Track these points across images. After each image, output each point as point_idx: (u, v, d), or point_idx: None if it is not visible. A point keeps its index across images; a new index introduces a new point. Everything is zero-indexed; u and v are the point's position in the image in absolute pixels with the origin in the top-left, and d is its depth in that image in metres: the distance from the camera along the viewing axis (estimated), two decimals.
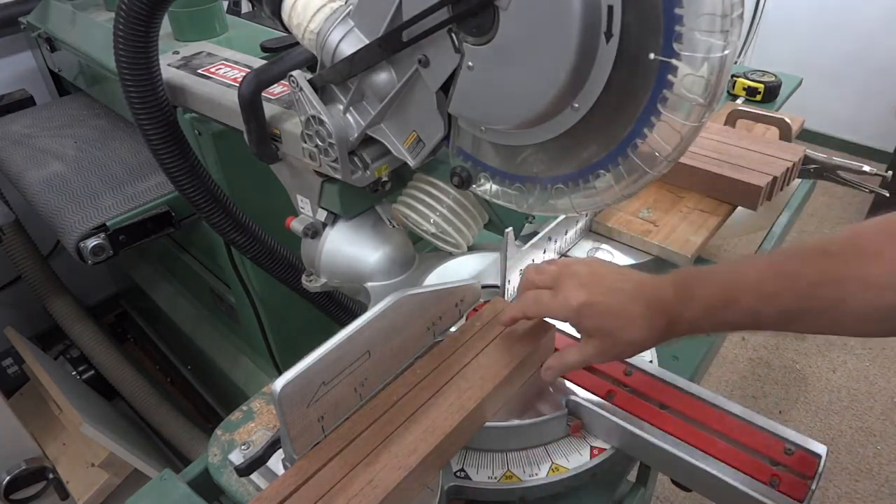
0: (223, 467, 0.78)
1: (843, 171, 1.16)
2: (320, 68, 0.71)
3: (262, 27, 1.39)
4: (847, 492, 1.83)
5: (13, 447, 1.42)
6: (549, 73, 0.55)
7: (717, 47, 0.49)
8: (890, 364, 2.22)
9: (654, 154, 0.57)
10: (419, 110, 0.70)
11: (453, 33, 0.61)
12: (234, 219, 0.98)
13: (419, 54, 0.64)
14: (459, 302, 0.79)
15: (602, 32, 0.52)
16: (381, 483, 0.62)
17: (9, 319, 1.86)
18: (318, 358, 0.62)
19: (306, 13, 0.69)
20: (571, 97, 0.56)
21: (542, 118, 0.59)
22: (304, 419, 0.63)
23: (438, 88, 0.65)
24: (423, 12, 0.60)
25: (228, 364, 1.61)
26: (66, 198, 1.18)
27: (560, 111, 0.58)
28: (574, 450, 0.73)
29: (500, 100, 0.61)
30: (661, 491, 1.85)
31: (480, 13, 0.57)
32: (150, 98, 0.87)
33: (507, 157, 0.69)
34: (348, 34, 0.68)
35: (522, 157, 0.67)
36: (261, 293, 1.28)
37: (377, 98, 0.70)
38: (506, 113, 0.61)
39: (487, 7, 0.56)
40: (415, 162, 0.73)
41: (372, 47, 0.66)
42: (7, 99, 1.63)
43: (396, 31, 0.63)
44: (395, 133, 0.73)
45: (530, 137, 0.63)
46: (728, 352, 2.29)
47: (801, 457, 0.64)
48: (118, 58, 0.84)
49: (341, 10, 0.68)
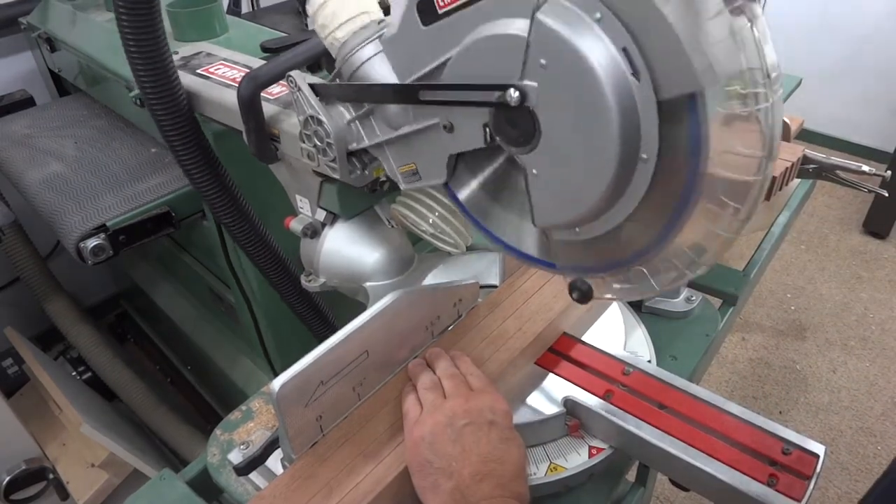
0: (222, 467, 0.78)
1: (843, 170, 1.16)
2: (333, 77, 0.69)
3: (261, 27, 1.39)
4: (847, 492, 1.83)
5: (13, 447, 1.42)
6: (600, 152, 0.51)
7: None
8: (890, 364, 2.22)
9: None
10: (426, 152, 0.68)
11: (488, 128, 0.58)
12: (250, 222, 0.97)
13: (444, 119, 0.61)
14: (458, 302, 0.80)
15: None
16: (379, 480, 0.62)
17: (9, 319, 1.86)
18: (316, 358, 0.62)
19: (336, 19, 0.66)
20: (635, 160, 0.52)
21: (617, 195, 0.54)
22: (302, 419, 0.63)
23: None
24: (456, 86, 0.57)
25: (228, 364, 1.61)
26: (66, 198, 1.19)
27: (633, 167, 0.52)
28: (572, 449, 0.73)
29: (577, 197, 0.55)
30: (660, 491, 1.85)
31: (520, 119, 0.55)
32: (162, 77, 0.84)
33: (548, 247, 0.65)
34: (376, 57, 0.65)
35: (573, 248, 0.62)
36: (258, 294, 1.28)
37: (386, 123, 0.69)
38: (586, 208, 0.55)
39: (524, 113, 0.54)
40: (405, 187, 0.72)
41: (388, 91, 0.64)
42: (7, 99, 1.63)
43: (419, 88, 0.60)
44: (393, 155, 0.71)
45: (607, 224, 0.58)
46: (728, 352, 2.29)
47: (799, 456, 0.64)
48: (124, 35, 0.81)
49: (373, 27, 0.65)
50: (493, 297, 0.83)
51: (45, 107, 1.60)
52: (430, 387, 0.67)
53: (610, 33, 0.47)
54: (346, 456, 0.64)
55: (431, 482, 0.59)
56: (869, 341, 2.31)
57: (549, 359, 0.80)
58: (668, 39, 0.46)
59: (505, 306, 0.82)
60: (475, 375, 0.69)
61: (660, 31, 0.46)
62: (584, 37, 0.47)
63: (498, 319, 0.80)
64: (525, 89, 0.52)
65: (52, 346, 1.96)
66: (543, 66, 0.51)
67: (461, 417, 0.62)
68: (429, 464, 0.60)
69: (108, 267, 2.16)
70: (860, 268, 2.65)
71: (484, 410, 0.63)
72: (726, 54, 0.45)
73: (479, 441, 0.61)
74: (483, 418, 0.62)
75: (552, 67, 0.50)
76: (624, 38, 0.47)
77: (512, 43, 0.52)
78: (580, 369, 0.77)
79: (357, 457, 0.64)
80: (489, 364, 0.74)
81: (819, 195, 3.06)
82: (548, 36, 0.49)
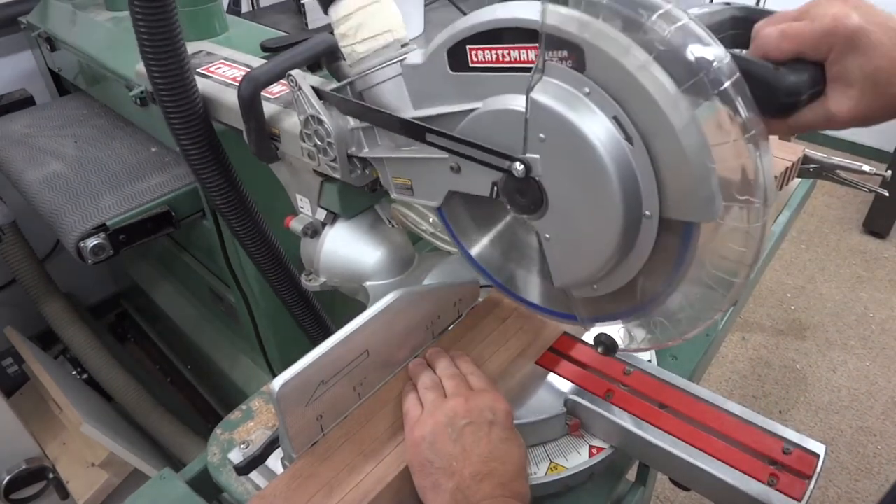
0: (222, 466, 0.78)
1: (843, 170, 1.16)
2: (343, 86, 0.69)
3: (262, 27, 1.39)
4: (847, 491, 1.83)
5: (13, 447, 1.42)
6: (606, 213, 0.54)
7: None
8: (890, 364, 2.22)
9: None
10: (426, 178, 0.69)
11: (496, 186, 0.61)
12: (257, 224, 0.95)
13: (454, 161, 0.63)
14: (458, 301, 0.80)
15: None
16: (379, 480, 0.62)
17: (9, 319, 1.86)
18: (316, 357, 0.62)
19: (359, 33, 0.65)
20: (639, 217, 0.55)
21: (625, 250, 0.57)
22: (302, 418, 0.63)
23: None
24: (468, 143, 0.59)
25: (228, 364, 1.61)
26: (66, 197, 1.19)
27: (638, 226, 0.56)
28: (573, 449, 0.73)
29: (590, 257, 0.58)
30: (660, 490, 1.85)
31: (527, 189, 0.58)
32: (175, 73, 0.79)
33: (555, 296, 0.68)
34: (392, 80, 0.65)
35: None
36: (258, 294, 1.28)
37: (391, 139, 0.69)
38: (599, 266, 0.59)
39: (532, 185, 0.57)
40: (395, 197, 0.73)
41: (395, 121, 0.65)
42: (7, 99, 1.63)
43: (430, 131, 0.62)
44: (391, 167, 0.72)
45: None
46: (728, 351, 2.29)
47: (799, 456, 0.64)
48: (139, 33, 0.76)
49: (395, 48, 0.65)
50: (493, 297, 0.83)
51: (45, 106, 1.60)
52: (431, 386, 0.67)
53: (599, 105, 0.51)
54: (347, 455, 0.64)
55: (432, 482, 0.59)
56: (869, 341, 2.31)
57: (550, 358, 0.80)
58: (680, 167, 0.49)
59: (505, 306, 0.82)
60: (475, 375, 0.69)
61: (675, 159, 0.49)
62: (577, 110, 0.51)
63: (498, 319, 0.80)
64: (528, 162, 0.56)
65: (52, 345, 1.96)
66: (542, 140, 0.55)
67: (462, 417, 0.62)
68: (429, 463, 0.60)
69: (108, 266, 2.16)
70: (860, 267, 2.65)
71: (484, 410, 0.63)
72: (730, 185, 0.49)
73: (480, 441, 0.61)
74: (483, 418, 0.62)
75: (551, 140, 0.54)
76: (613, 108, 0.50)
77: (515, 118, 0.55)
78: (580, 369, 0.77)
79: (357, 456, 0.64)
80: (489, 364, 0.74)
81: (819, 195, 3.06)
82: (543, 112, 0.53)
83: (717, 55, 0.46)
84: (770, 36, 0.53)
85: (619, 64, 0.48)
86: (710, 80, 0.46)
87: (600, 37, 0.48)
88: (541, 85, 0.53)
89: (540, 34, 0.51)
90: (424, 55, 0.62)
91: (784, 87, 0.51)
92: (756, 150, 0.47)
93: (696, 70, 0.46)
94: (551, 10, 0.50)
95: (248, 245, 0.97)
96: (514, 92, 0.55)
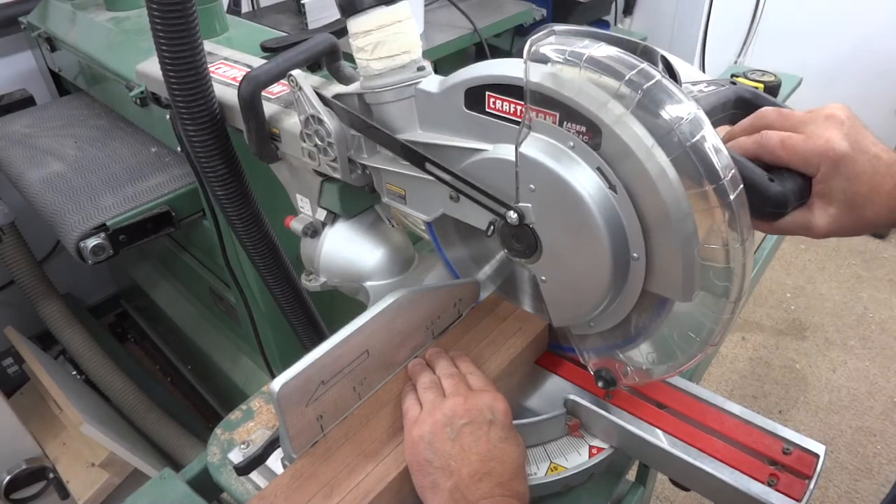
0: (223, 466, 0.78)
1: None
2: (353, 99, 0.69)
3: (262, 27, 1.39)
4: (847, 491, 1.83)
5: (13, 447, 1.42)
6: (595, 256, 0.58)
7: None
8: (890, 364, 2.22)
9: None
10: (422, 195, 0.71)
11: (493, 225, 0.65)
12: (261, 228, 0.94)
13: (453, 191, 0.66)
14: (458, 301, 0.80)
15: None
16: (379, 480, 0.62)
17: (9, 319, 1.86)
18: (316, 358, 0.62)
19: (377, 51, 0.65)
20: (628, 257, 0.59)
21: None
22: (302, 418, 0.63)
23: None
24: (468, 183, 0.63)
25: (228, 364, 1.61)
26: (66, 198, 1.19)
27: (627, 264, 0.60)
28: (573, 449, 0.73)
29: (583, 297, 0.63)
30: (660, 490, 1.85)
31: (522, 235, 0.63)
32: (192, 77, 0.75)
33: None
34: (403, 102, 0.66)
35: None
36: (258, 294, 1.28)
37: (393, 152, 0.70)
38: (592, 306, 0.63)
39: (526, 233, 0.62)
40: (386, 202, 0.75)
41: (397, 144, 0.66)
42: (7, 99, 1.63)
43: (431, 162, 0.64)
44: (387, 175, 0.73)
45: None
46: (728, 351, 2.29)
47: (799, 456, 0.64)
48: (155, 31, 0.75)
49: (411, 70, 0.65)
50: (494, 297, 0.83)
51: (46, 106, 1.60)
52: (430, 386, 0.67)
53: (583, 157, 0.55)
54: (347, 455, 0.64)
55: (431, 481, 0.59)
56: (869, 341, 2.31)
57: (549, 359, 0.80)
58: (670, 260, 0.55)
59: (505, 306, 0.82)
60: (475, 375, 0.69)
61: (665, 253, 0.56)
62: (562, 162, 0.56)
63: (498, 319, 0.80)
64: (521, 210, 0.61)
65: (52, 345, 1.96)
66: (532, 190, 0.59)
67: (460, 417, 0.62)
68: (428, 463, 0.60)
69: (108, 266, 2.16)
70: (860, 267, 2.65)
71: (483, 410, 0.63)
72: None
73: (479, 440, 0.61)
74: (482, 417, 0.62)
75: (540, 190, 0.59)
76: (596, 160, 0.55)
77: (510, 169, 0.60)
78: (580, 369, 0.77)
79: (357, 456, 0.64)
80: (489, 364, 0.74)
81: None
82: (531, 164, 0.58)
83: (688, 111, 0.50)
84: (771, 141, 0.57)
85: (600, 119, 0.52)
86: (680, 136, 0.50)
87: (581, 95, 0.53)
88: (529, 139, 0.58)
89: (525, 91, 0.56)
90: (441, 85, 0.64)
91: (773, 198, 0.56)
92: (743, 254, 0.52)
93: (668, 126, 0.50)
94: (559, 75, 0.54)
95: (243, 239, 0.96)
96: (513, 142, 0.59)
